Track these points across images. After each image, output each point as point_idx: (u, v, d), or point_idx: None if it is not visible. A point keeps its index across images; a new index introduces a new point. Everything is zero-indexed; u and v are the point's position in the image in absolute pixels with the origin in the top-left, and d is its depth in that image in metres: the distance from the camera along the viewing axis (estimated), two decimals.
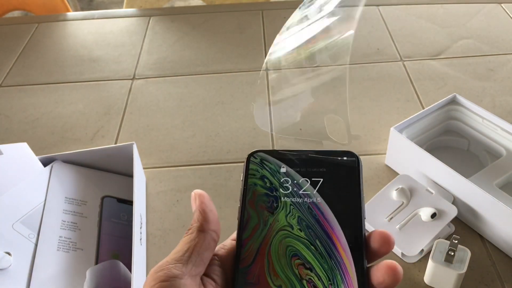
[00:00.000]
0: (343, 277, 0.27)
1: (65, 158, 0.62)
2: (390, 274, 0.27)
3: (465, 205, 0.59)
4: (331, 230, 0.28)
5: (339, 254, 0.27)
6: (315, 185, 0.30)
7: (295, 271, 0.27)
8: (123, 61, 0.93)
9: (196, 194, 0.30)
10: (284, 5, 1.08)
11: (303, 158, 0.31)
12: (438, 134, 0.70)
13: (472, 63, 0.88)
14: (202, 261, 0.28)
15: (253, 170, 0.31)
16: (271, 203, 0.29)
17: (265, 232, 0.28)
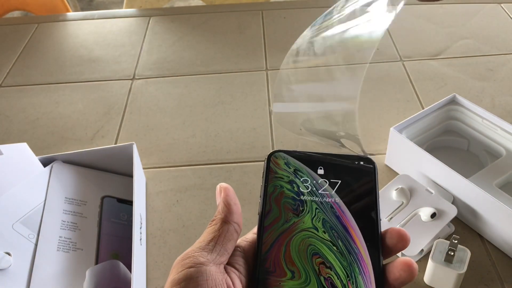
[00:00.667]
0: (362, 274, 0.28)
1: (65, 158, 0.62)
2: (406, 269, 0.28)
3: (465, 205, 0.59)
4: (351, 229, 0.29)
5: (359, 253, 0.29)
6: (333, 186, 0.31)
7: (315, 267, 0.28)
8: (123, 61, 0.93)
9: (221, 187, 0.31)
10: (284, 5, 1.08)
11: (322, 159, 0.32)
12: (438, 134, 0.70)
13: (472, 63, 0.88)
14: (225, 251, 0.29)
15: (274, 169, 0.32)
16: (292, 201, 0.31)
17: (287, 226, 0.30)
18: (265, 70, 0.89)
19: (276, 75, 0.88)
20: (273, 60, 0.91)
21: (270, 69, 0.89)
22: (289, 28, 1.00)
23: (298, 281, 0.28)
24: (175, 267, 0.28)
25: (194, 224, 0.63)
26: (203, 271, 0.28)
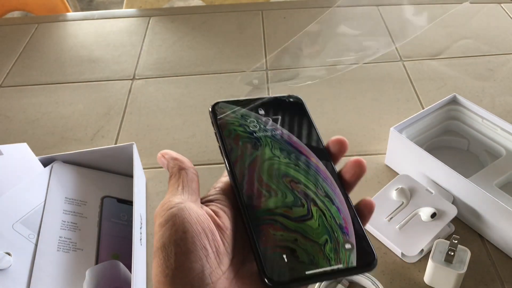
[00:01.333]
0: (325, 180, 0.34)
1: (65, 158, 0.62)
2: (357, 165, 0.33)
3: (465, 205, 0.59)
4: (303, 150, 0.35)
5: (317, 166, 0.34)
6: (276, 121, 0.36)
7: (287, 185, 0.33)
8: (123, 61, 0.93)
9: (161, 153, 0.34)
10: (284, 5, 1.08)
11: (259, 102, 0.37)
12: (438, 134, 0.70)
13: (472, 63, 0.88)
14: (193, 190, 0.32)
15: (222, 117, 0.36)
16: (248, 139, 0.35)
17: (252, 159, 0.34)
18: (265, 70, 0.89)
19: (276, 75, 0.88)
20: (273, 60, 0.91)
21: (270, 69, 0.89)
22: (289, 28, 1.00)
23: (277, 198, 0.32)
24: (157, 216, 0.30)
25: None
26: (183, 208, 0.30)
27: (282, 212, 0.31)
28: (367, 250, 0.31)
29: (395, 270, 0.56)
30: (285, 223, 0.31)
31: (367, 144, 0.73)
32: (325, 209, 0.32)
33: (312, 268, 0.29)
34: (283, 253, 0.30)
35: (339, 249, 0.30)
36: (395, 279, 0.55)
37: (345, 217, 0.32)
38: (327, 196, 0.33)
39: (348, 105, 0.80)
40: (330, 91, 0.83)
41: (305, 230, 0.31)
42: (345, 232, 0.31)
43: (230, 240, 0.31)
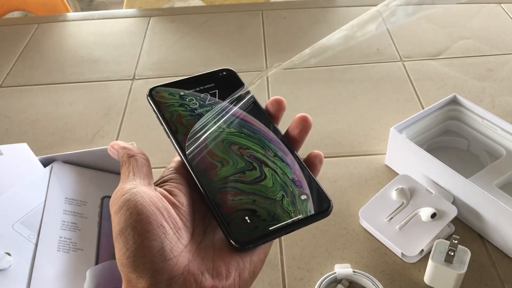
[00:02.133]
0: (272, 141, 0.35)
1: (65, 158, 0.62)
2: (302, 120, 0.35)
3: (465, 205, 0.59)
4: (245, 117, 0.36)
5: (260, 129, 0.36)
6: (214, 95, 0.38)
7: (236, 152, 0.34)
8: (123, 61, 0.93)
9: (110, 145, 0.36)
10: (284, 6, 1.08)
11: (194, 80, 0.39)
12: (438, 134, 0.70)
13: (472, 63, 0.88)
14: (145, 174, 0.33)
15: (161, 100, 0.37)
16: (191, 117, 0.36)
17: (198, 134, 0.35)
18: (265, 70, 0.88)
19: (276, 75, 0.88)
20: (273, 60, 0.91)
21: None
22: (289, 28, 1.00)
23: (229, 166, 0.33)
24: (112, 205, 0.31)
25: None
26: (135, 192, 0.31)
27: (236, 178, 0.33)
28: (322, 197, 0.33)
29: (395, 270, 0.56)
30: (241, 187, 0.33)
31: (367, 144, 0.73)
32: (276, 167, 0.34)
33: (275, 224, 0.31)
34: (245, 215, 0.31)
35: (296, 201, 0.32)
36: (395, 279, 0.55)
37: (296, 171, 0.34)
38: (276, 156, 0.35)
39: (348, 105, 0.80)
40: (330, 91, 0.83)
41: (262, 191, 0.32)
42: (298, 185, 0.33)
43: (188, 215, 0.32)
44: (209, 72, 0.39)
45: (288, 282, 0.56)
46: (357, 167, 0.69)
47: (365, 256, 0.58)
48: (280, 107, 0.37)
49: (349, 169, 0.69)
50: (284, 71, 0.88)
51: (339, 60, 0.90)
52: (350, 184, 0.66)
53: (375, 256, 0.58)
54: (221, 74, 0.40)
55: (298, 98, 0.82)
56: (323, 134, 0.75)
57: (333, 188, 0.66)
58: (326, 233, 0.60)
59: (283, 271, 0.57)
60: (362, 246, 0.59)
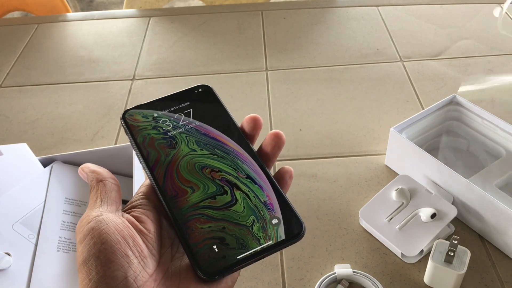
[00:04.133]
0: (244, 161, 0.35)
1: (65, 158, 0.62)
2: (275, 137, 0.35)
3: (465, 205, 0.59)
4: (219, 137, 0.36)
5: (234, 149, 0.35)
6: (189, 115, 0.37)
7: (207, 176, 0.34)
8: (123, 61, 0.93)
9: (81, 167, 0.35)
10: (284, 6, 1.08)
11: (168, 100, 0.38)
12: (438, 135, 0.70)
13: (471, 63, 0.88)
14: (113, 201, 0.33)
15: (134, 124, 0.36)
16: (164, 140, 0.35)
17: (169, 158, 0.34)
18: (265, 70, 0.89)
19: (276, 76, 0.88)
20: (273, 60, 0.91)
21: (270, 69, 0.89)
22: (289, 28, 1.00)
23: (199, 191, 0.33)
24: (77, 233, 0.30)
25: None
26: (101, 220, 0.30)
27: (207, 204, 0.32)
28: (294, 220, 0.32)
29: (395, 270, 0.56)
30: (211, 214, 0.32)
31: (367, 144, 0.73)
32: (248, 190, 0.33)
33: (243, 252, 0.30)
34: (213, 244, 0.30)
35: (267, 226, 0.32)
36: (395, 279, 0.55)
37: (269, 193, 0.33)
38: (248, 177, 0.34)
39: (348, 106, 0.80)
40: (330, 92, 0.83)
41: (232, 216, 0.32)
42: (270, 208, 0.32)
43: (155, 242, 0.31)
44: (184, 90, 0.39)
45: (288, 282, 0.56)
46: (357, 167, 0.69)
47: (365, 256, 0.58)
48: (255, 125, 0.36)
49: (349, 169, 0.69)
50: (284, 71, 0.88)
51: (339, 60, 0.90)
52: (350, 184, 0.66)
53: (375, 256, 0.58)
54: (197, 91, 0.39)
55: (298, 98, 0.82)
56: (323, 134, 0.75)
57: (333, 188, 0.66)
58: (326, 233, 0.60)
59: (283, 271, 0.57)
60: (362, 246, 0.59)
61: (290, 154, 0.72)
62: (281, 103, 0.81)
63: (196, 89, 0.39)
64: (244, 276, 0.56)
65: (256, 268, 0.57)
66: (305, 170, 0.69)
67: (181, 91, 0.39)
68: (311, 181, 0.67)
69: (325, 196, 0.65)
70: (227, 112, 0.38)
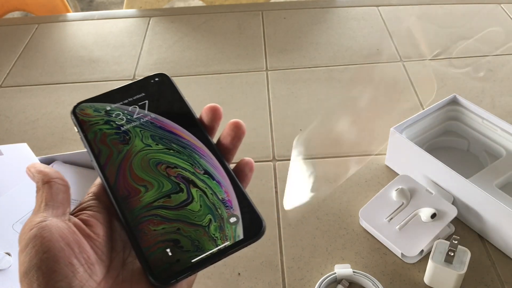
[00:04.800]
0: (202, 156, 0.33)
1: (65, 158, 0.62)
2: (235, 127, 0.33)
3: (465, 205, 0.59)
4: (176, 130, 0.34)
5: (191, 143, 0.33)
6: (144, 107, 0.35)
7: (162, 173, 0.31)
8: (123, 61, 0.93)
9: (28, 167, 0.33)
10: (284, 6, 1.08)
11: (122, 92, 0.36)
12: (438, 135, 0.70)
13: (471, 63, 0.88)
14: (59, 203, 0.30)
15: (85, 119, 0.34)
16: (116, 135, 0.33)
17: (122, 155, 0.32)
18: (265, 70, 0.89)
19: (276, 76, 0.88)
20: (273, 60, 0.91)
21: (270, 69, 0.89)
22: (289, 28, 1.00)
23: (154, 190, 0.31)
24: (19, 241, 0.29)
25: None
26: (44, 226, 0.28)
27: (161, 204, 0.30)
28: (253, 218, 0.30)
29: (395, 270, 0.56)
30: (165, 214, 0.30)
31: (367, 144, 0.73)
32: (206, 187, 0.31)
33: (198, 255, 0.29)
34: (166, 247, 0.29)
35: (224, 225, 0.30)
36: (395, 279, 0.55)
37: (227, 189, 0.31)
38: (206, 173, 0.32)
39: (348, 106, 0.80)
40: (330, 91, 0.83)
41: (187, 216, 0.30)
42: (228, 206, 0.31)
43: (104, 246, 0.30)
44: (140, 79, 0.36)
45: (288, 282, 0.56)
46: (357, 167, 0.69)
47: (365, 256, 0.58)
48: (215, 116, 0.34)
49: (349, 169, 0.69)
50: (284, 71, 0.88)
51: (339, 60, 0.90)
52: (350, 184, 0.66)
53: (375, 257, 0.57)
54: (153, 80, 0.37)
55: (298, 98, 0.82)
56: (323, 134, 0.75)
57: (333, 188, 0.66)
58: (326, 233, 0.60)
59: (283, 271, 0.57)
60: (362, 247, 0.59)
61: (290, 154, 0.72)
62: (281, 103, 0.81)
63: (152, 79, 0.37)
64: (244, 276, 0.56)
65: (256, 268, 0.57)
66: (306, 170, 0.69)
67: (136, 81, 0.36)
68: (312, 181, 0.67)
69: (326, 196, 0.65)
70: (185, 103, 0.35)
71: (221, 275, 0.57)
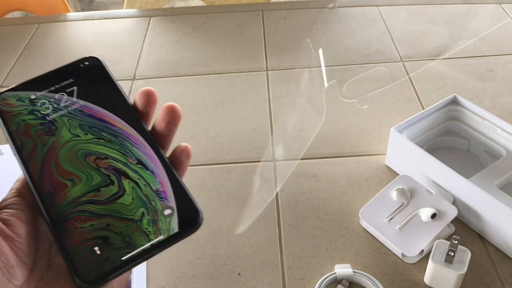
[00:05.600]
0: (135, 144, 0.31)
1: None
2: (169, 111, 0.31)
3: (465, 205, 0.59)
4: (107, 117, 0.31)
5: (123, 130, 0.31)
6: (72, 94, 0.32)
7: (92, 165, 0.29)
8: (123, 61, 0.93)
9: None
10: (284, 6, 1.08)
11: (49, 78, 0.33)
12: (438, 135, 0.70)
13: (472, 63, 0.88)
14: None
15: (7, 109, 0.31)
16: (42, 126, 0.31)
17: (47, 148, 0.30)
18: (265, 70, 0.89)
19: (277, 76, 0.88)
20: (273, 60, 0.91)
21: (270, 69, 0.89)
22: (290, 28, 1.00)
23: (81, 184, 0.29)
24: None
25: None
26: None
27: (89, 198, 0.28)
28: (190, 209, 0.29)
29: (395, 270, 0.56)
30: (94, 210, 0.28)
31: (367, 144, 0.73)
32: (138, 178, 0.29)
33: (130, 251, 0.27)
34: (94, 245, 0.27)
35: (158, 218, 0.28)
36: (395, 279, 0.55)
37: (162, 179, 0.29)
38: (139, 163, 0.30)
39: (349, 106, 0.80)
40: (330, 91, 0.83)
41: (118, 210, 0.28)
42: (163, 197, 0.29)
43: (26, 247, 0.28)
44: (68, 64, 0.34)
45: (288, 282, 0.56)
46: (357, 167, 0.69)
47: (365, 256, 0.58)
48: (149, 101, 0.32)
49: (349, 169, 0.69)
50: (284, 71, 0.88)
51: (339, 60, 0.90)
52: (350, 184, 0.66)
53: (375, 256, 0.58)
54: (83, 65, 0.34)
55: None
56: (323, 134, 0.75)
57: (333, 188, 0.66)
58: (326, 233, 0.60)
59: (283, 271, 0.57)
60: (362, 246, 0.59)
61: (290, 154, 0.72)
62: (281, 103, 0.81)
63: (81, 63, 0.34)
64: (244, 276, 0.56)
65: (256, 268, 0.57)
66: (306, 170, 0.69)
67: (64, 66, 0.34)
68: (312, 181, 0.67)
69: (326, 196, 0.65)
70: (118, 88, 0.33)
71: (221, 275, 0.57)
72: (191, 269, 0.57)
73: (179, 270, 0.57)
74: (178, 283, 0.56)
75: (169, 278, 0.56)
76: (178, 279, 0.56)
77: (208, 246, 0.60)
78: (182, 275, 0.57)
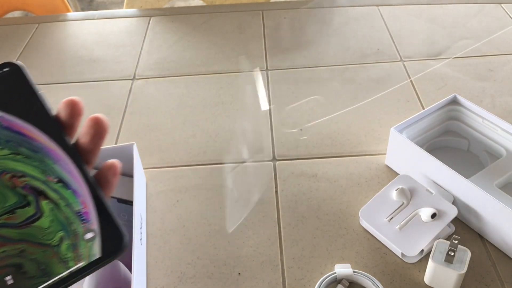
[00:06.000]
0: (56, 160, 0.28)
1: None
2: (94, 124, 0.28)
3: (465, 205, 0.59)
4: (26, 131, 0.28)
5: (44, 145, 0.28)
6: None
7: (7, 184, 0.27)
8: (123, 61, 0.93)
9: None
10: (284, 6, 1.08)
11: None
12: (438, 135, 0.70)
13: (472, 63, 0.88)
14: None
15: None
16: None
17: None
18: (265, 70, 0.89)
19: (277, 76, 0.88)
20: (273, 60, 0.91)
21: (270, 69, 0.89)
22: (290, 28, 1.00)
23: None
24: None
25: (194, 224, 0.63)
26: None
27: (2, 222, 0.26)
28: (113, 232, 0.27)
29: (395, 270, 0.56)
30: (7, 234, 0.26)
31: (367, 144, 0.73)
32: (59, 198, 0.27)
33: (45, 281, 0.25)
34: (6, 274, 0.25)
35: (79, 243, 0.26)
36: (395, 279, 0.55)
37: (84, 199, 0.27)
38: (60, 181, 0.27)
39: (349, 106, 0.80)
40: (330, 91, 0.83)
41: (34, 235, 0.26)
42: (85, 219, 0.27)
43: None
44: None
45: (288, 282, 0.56)
46: (357, 167, 0.69)
47: (365, 256, 0.58)
48: (73, 112, 0.29)
49: (349, 169, 0.69)
50: (284, 71, 0.88)
51: (339, 60, 0.90)
52: (350, 184, 0.66)
53: (375, 256, 0.58)
54: (1, 71, 0.31)
55: (298, 98, 0.82)
56: (323, 134, 0.75)
57: (333, 188, 0.66)
58: (326, 233, 0.60)
59: (283, 271, 0.57)
60: (362, 246, 0.59)
61: (290, 154, 0.72)
62: (281, 103, 0.81)
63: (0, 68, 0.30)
64: (244, 276, 0.56)
65: (256, 268, 0.57)
66: (306, 170, 0.69)
67: None
68: (312, 181, 0.67)
69: (326, 196, 0.65)
70: (39, 97, 0.30)
71: (221, 275, 0.57)
72: (191, 269, 0.57)
73: (179, 270, 0.57)
74: (178, 283, 0.56)
75: (169, 278, 0.56)
76: (178, 279, 0.56)
77: (208, 246, 0.60)
78: (182, 275, 0.57)
